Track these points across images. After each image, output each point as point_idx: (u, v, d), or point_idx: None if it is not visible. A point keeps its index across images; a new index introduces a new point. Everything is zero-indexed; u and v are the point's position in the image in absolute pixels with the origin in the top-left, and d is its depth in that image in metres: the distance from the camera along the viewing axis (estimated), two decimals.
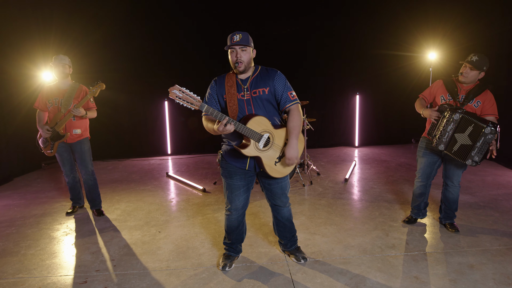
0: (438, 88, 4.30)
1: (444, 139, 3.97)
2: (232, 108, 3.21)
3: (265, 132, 3.20)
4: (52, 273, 3.68)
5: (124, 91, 8.98)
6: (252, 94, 3.25)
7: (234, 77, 3.30)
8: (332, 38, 9.74)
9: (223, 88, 3.29)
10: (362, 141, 10.47)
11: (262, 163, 3.24)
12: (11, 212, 5.52)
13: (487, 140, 3.80)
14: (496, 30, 7.67)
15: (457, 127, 3.90)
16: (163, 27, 9.24)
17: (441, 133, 3.98)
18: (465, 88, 4.14)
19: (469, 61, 4.03)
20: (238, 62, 3.16)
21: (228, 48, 3.20)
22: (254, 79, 3.29)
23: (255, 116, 3.15)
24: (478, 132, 3.80)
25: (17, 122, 7.71)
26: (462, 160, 3.92)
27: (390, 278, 3.39)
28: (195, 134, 9.68)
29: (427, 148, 4.36)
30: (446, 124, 3.94)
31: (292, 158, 3.22)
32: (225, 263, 3.64)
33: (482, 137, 3.79)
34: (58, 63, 4.92)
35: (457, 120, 3.88)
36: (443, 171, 4.39)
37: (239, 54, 3.17)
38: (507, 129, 7.46)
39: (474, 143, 3.83)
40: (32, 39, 7.98)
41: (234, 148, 3.32)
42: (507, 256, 3.73)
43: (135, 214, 5.27)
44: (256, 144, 3.18)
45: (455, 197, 4.35)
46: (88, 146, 5.18)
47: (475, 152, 3.84)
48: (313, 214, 5.05)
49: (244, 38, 3.16)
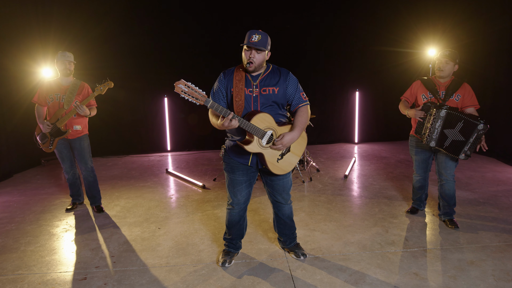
0: (418, 88, 4.47)
1: (434, 136, 4.12)
2: (238, 103, 3.22)
3: (269, 129, 3.20)
4: (51, 269, 3.68)
5: (124, 87, 8.92)
6: (261, 92, 3.27)
7: (244, 72, 3.30)
8: (332, 34, 9.73)
9: (231, 81, 3.29)
10: (361, 137, 10.47)
11: (265, 159, 3.24)
12: (11, 208, 5.52)
13: (479, 135, 4.00)
14: (496, 27, 7.65)
15: (444, 123, 4.06)
16: (163, 24, 9.22)
17: (430, 130, 4.12)
18: (443, 84, 4.33)
19: (443, 54, 4.24)
20: (250, 62, 3.17)
21: (245, 46, 3.19)
22: (265, 77, 3.31)
23: (259, 113, 3.16)
24: (471, 128, 3.99)
25: (16, 119, 7.70)
26: (456, 155, 4.09)
27: (390, 274, 3.40)
28: (194, 130, 9.68)
29: (417, 146, 4.52)
30: (433, 121, 4.09)
31: (285, 142, 3.20)
32: (225, 260, 3.64)
33: (475, 132, 3.99)
34: (64, 60, 4.91)
35: (443, 117, 4.05)
36: (436, 166, 4.50)
37: (253, 55, 3.16)
38: (506, 125, 7.47)
39: (467, 138, 4.02)
40: (32, 36, 7.96)
41: (237, 144, 3.33)
42: (507, 253, 3.73)
43: (134, 211, 5.27)
44: (259, 140, 3.18)
45: (451, 192, 4.40)
46: (88, 142, 5.18)
47: (468, 147, 4.04)
48: (313, 211, 5.06)
49: (262, 41, 3.14)
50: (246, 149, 3.16)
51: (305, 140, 3.52)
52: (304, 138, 3.49)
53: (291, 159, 3.42)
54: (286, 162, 3.38)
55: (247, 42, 3.15)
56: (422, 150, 4.49)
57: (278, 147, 3.19)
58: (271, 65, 3.42)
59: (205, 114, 3.68)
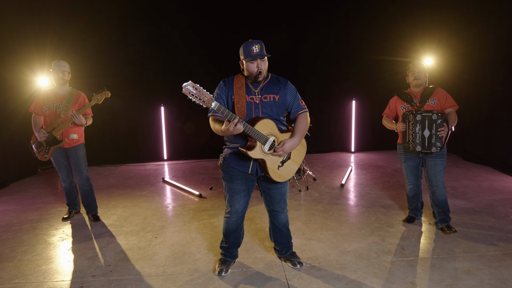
0: (395, 102, 4.74)
1: (418, 140, 4.30)
2: (240, 109, 3.24)
3: (271, 136, 3.23)
4: (48, 278, 3.67)
5: (120, 96, 8.96)
6: (262, 99, 3.32)
7: (244, 80, 3.36)
8: (329, 43, 9.78)
9: (232, 89, 3.34)
10: (358, 146, 10.47)
11: (266, 166, 3.26)
12: (7, 217, 5.50)
13: (438, 125, 4.20)
14: (492, 36, 7.71)
15: (422, 126, 4.26)
16: (159, 32, 9.26)
17: (412, 136, 4.30)
18: (418, 93, 4.58)
19: (417, 64, 4.57)
20: (260, 72, 3.23)
21: (248, 58, 3.21)
22: (265, 85, 3.38)
23: (263, 119, 3.19)
24: (430, 122, 4.22)
25: (13, 128, 7.69)
26: (429, 150, 4.29)
27: (386, 283, 3.40)
28: (191, 139, 9.69)
29: (406, 153, 4.66)
30: (413, 127, 4.28)
31: (286, 149, 3.23)
32: (221, 268, 3.64)
33: (433, 123, 4.21)
34: (58, 70, 4.93)
35: (419, 120, 4.25)
36: (425, 174, 4.62)
37: (260, 65, 3.23)
38: (503, 134, 7.50)
39: (431, 131, 4.22)
40: (29, 44, 7.99)
41: (237, 151, 3.35)
42: (503, 262, 3.74)
43: (131, 220, 5.26)
44: (262, 146, 3.20)
45: (443, 198, 4.50)
46: (84, 151, 5.18)
47: (434, 139, 4.24)
48: (309, 220, 5.06)
49: (262, 48, 3.22)
50: (249, 155, 3.17)
51: (305, 148, 3.56)
52: (304, 146, 3.54)
53: (291, 167, 3.44)
54: (287, 170, 3.40)
55: (250, 56, 3.19)
56: (411, 157, 4.62)
57: (280, 153, 3.21)
58: (269, 73, 3.47)
59: (201, 123, 3.71)
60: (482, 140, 8.21)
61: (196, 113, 9.01)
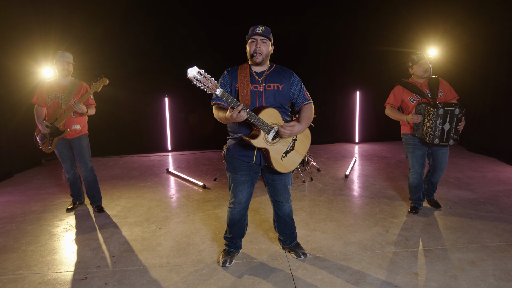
0: (402, 92, 4.72)
1: (437, 133, 4.29)
2: (245, 98, 3.23)
3: (275, 125, 3.20)
4: (52, 269, 3.69)
5: (124, 87, 8.97)
6: (266, 88, 3.31)
7: (248, 69, 3.35)
8: (333, 34, 9.72)
9: (236, 78, 3.34)
10: (362, 137, 10.46)
11: (270, 156, 3.24)
12: (12, 208, 5.52)
13: (459, 119, 4.27)
14: (497, 27, 7.64)
15: (443, 120, 4.27)
16: (164, 24, 9.22)
17: (431, 129, 4.29)
18: (424, 84, 4.63)
19: (421, 56, 4.58)
20: (257, 52, 3.25)
21: (249, 38, 3.28)
22: (269, 74, 3.38)
23: (267, 108, 3.17)
24: (452, 116, 4.26)
25: (17, 119, 7.70)
26: (446, 143, 4.36)
27: (391, 274, 3.40)
28: (195, 130, 9.69)
29: (415, 143, 4.66)
30: (433, 120, 4.25)
31: (294, 130, 3.20)
32: (225, 259, 3.64)
33: (454, 118, 4.26)
34: (62, 61, 4.92)
35: (441, 114, 4.24)
36: (433, 162, 4.75)
37: (258, 45, 3.26)
38: (507, 125, 7.46)
39: (451, 125, 4.28)
40: (33, 36, 7.97)
41: (240, 142, 3.35)
42: (508, 253, 3.73)
43: (135, 211, 5.27)
44: (266, 135, 3.18)
45: (438, 180, 4.89)
46: (87, 142, 5.17)
47: (453, 132, 4.30)
48: (313, 211, 5.06)
49: (266, 31, 3.27)
50: (253, 143, 3.14)
51: (309, 139, 3.54)
52: (308, 137, 3.51)
53: (294, 158, 3.42)
54: (290, 161, 3.38)
55: (252, 33, 3.25)
56: (420, 146, 4.65)
57: (286, 131, 3.15)
58: (274, 64, 3.47)
59: (205, 114, 3.69)
60: (487, 131, 8.17)
61: (201, 104, 9.01)
